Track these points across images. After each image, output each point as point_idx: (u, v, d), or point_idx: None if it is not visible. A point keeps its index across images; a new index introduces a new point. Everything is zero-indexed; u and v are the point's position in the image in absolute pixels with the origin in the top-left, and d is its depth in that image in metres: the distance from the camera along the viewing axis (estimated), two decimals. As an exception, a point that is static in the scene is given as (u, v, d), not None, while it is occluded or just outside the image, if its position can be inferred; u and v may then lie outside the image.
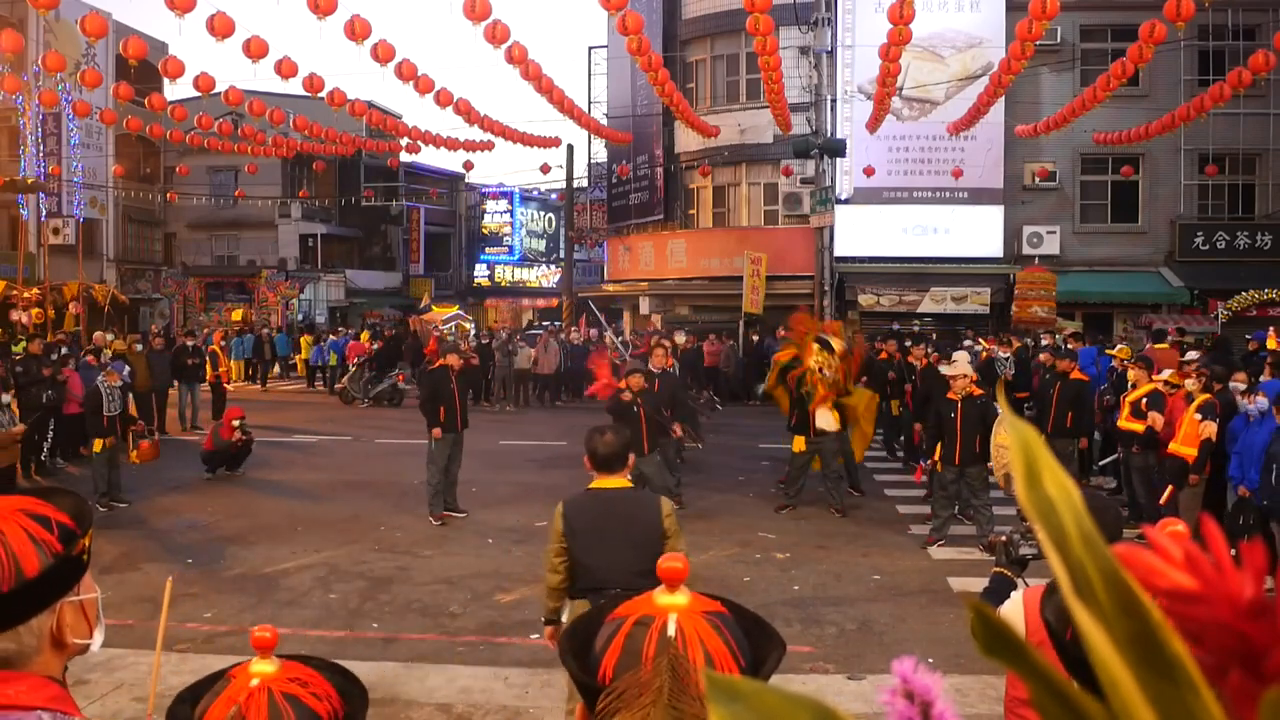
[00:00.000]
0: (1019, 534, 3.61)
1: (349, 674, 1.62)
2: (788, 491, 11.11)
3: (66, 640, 1.49)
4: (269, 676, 1.51)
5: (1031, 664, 0.50)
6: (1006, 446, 8.15)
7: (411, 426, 15.21)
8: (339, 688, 1.57)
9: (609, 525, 4.21)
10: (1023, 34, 12.69)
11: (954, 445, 9.37)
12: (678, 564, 1.38)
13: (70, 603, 1.49)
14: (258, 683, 1.51)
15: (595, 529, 4.22)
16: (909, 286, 23.64)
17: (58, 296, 26.01)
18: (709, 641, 1.31)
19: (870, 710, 5.23)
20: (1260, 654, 0.47)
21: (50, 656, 1.47)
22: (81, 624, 1.52)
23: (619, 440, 4.36)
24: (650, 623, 1.32)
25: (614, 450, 4.31)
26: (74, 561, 1.48)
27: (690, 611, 1.34)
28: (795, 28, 21.87)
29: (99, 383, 11.31)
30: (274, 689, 1.50)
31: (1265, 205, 23.49)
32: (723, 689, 0.54)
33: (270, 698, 1.49)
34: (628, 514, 4.25)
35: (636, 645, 1.30)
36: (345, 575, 8.53)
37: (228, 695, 1.51)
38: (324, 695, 1.53)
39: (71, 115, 26.49)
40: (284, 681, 1.52)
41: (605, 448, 4.32)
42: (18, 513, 1.45)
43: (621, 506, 4.28)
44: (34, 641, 1.45)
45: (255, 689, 1.50)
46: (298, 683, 1.52)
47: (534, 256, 46.61)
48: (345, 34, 12.40)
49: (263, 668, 1.52)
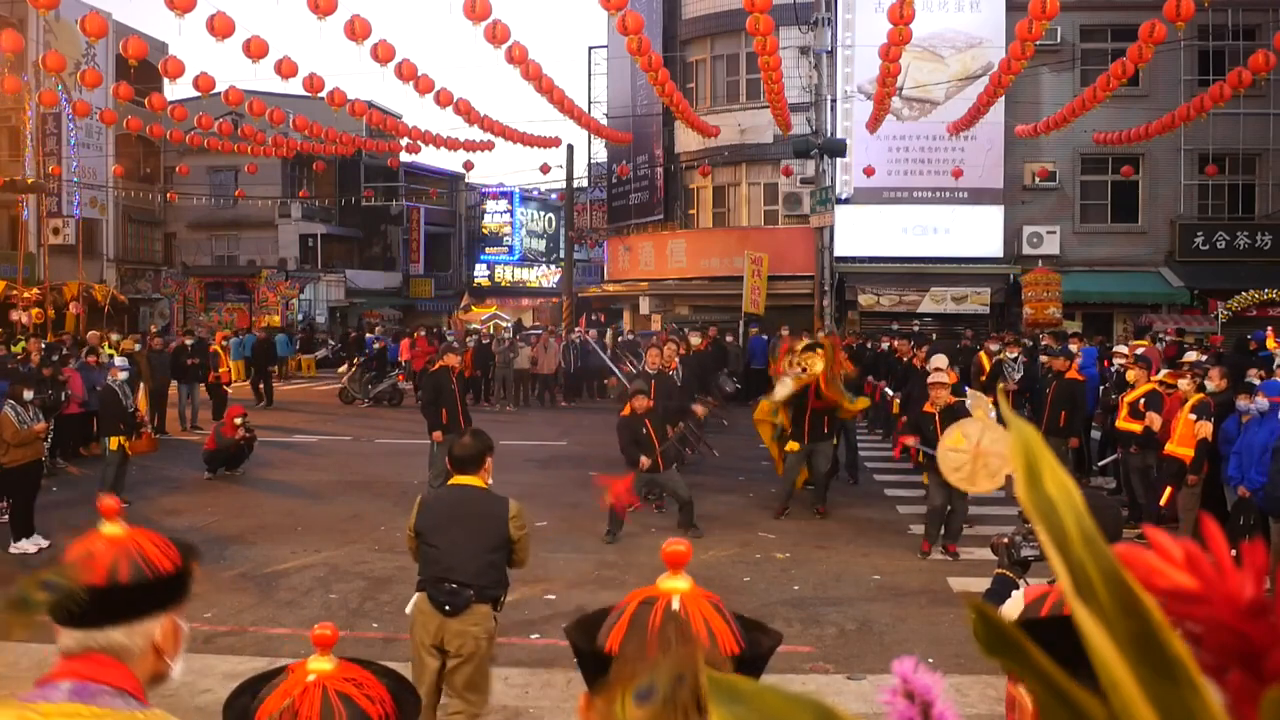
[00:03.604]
0: (1021, 535, 3.62)
1: (404, 680, 1.67)
2: (781, 495, 11.09)
3: (165, 651, 1.73)
4: (325, 674, 1.56)
5: (1033, 664, 0.50)
6: (957, 450, 8.06)
7: (411, 426, 15.21)
8: (392, 692, 1.61)
9: (456, 518, 4.67)
10: (1023, 34, 12.69)
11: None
12: (681, 547, 1.43)
13: (173, 619, 1.75)
14: (314, 679, 1.55)
15: (445, 520, 4.67)
16: (909, 286, 23.64)
17: (58, 296, 26.02)
18: (712, 621, 1.35)
19: (870, 710, 5.23)
20: (1260, 654, 0.47)
21: (149, 662, 1.71)
22: (174, 644, 1.76)
23: (476, 444, 4.84)
24: (655, 602, 1.37)
25: (470, 453, 4.80)
26: (186, 578, 1.77)
27: (693, 594, 1.39)
28: (795, 28, 21.88)
29: (111, 381, 11.31)
30: (329, 686, 1.54)
31: (1265, 205, 23.50)
32: (724, 689, 0.54)
33: (324, 695, 1.53)
34: (476, 511, 4.69)
35: (642, 620, 1.35)
36: (345, 575, 8.53)
37: (283, 689, 1.56)
38: (377, 698, 1.57)
39: (71, 115, 26.50)
40: (339, 680, 1.56)
41: (461, 450, 4.82)
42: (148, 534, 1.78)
43: (471, 505, 4.73)
44: (141, 642, 1.68)
45: (310, 685, 1.54)
46: (352, 683, 1.56)
47: (534, 256, 46.61)
48: (345, 34, 12.41)
49: (320, 665, 1.57)
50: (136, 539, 1.76)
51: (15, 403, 9.68)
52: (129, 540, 1.75)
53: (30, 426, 9.64)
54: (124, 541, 1.75)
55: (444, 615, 4.55)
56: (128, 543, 1.74)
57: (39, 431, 9.86)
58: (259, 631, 7.15)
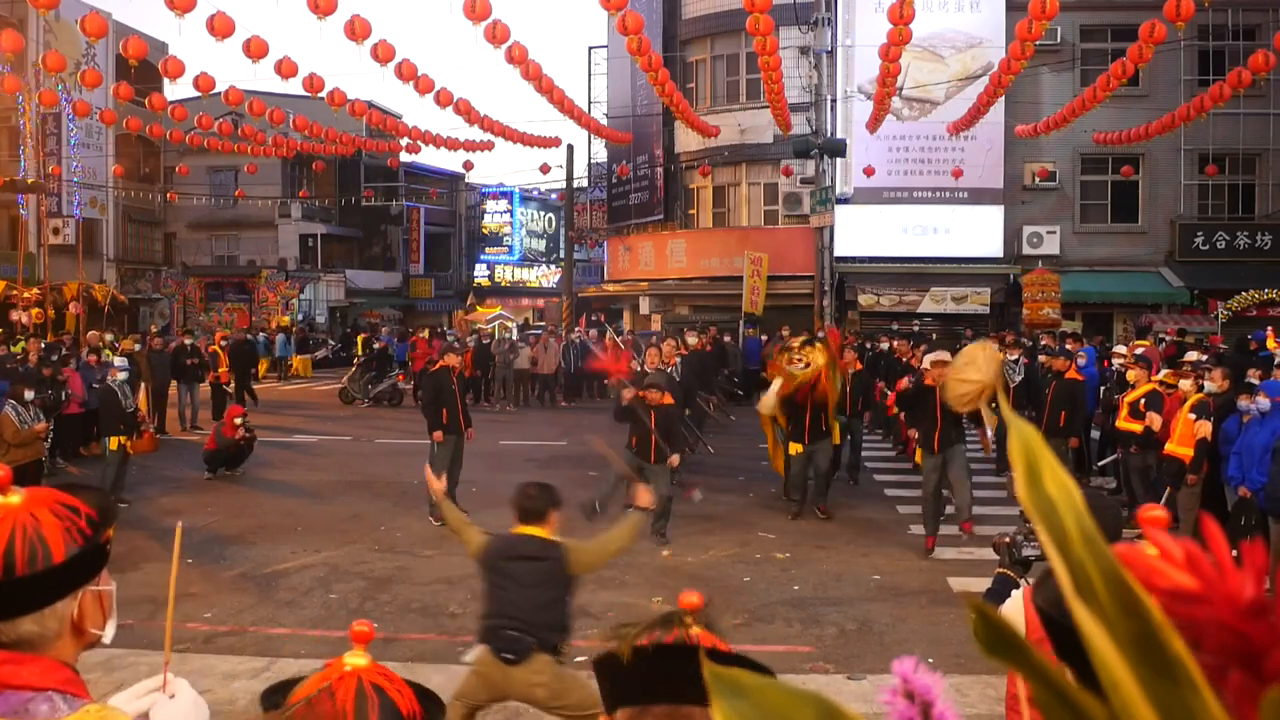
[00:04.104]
0: (1022, 535, 3.62)
1: (429, 691, 1.72)
2: (791, 497, 11.09)
3: (85, 627, 1.56)
4: (361, 667, 1.62)
5: (1033, 663, 0.50)
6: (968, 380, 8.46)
7: (411, 426, 15.21)
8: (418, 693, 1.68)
9: (513, 561, 4.55)
10: (1023, 34, 12.69)
11: (933, 431, 9.26)
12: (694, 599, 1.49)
13: (91, 592, 1.57)
14: (350, 669, 1.61)
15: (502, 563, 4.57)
16: (909, 286, 23.65)
17: (58, 296, 26.01)
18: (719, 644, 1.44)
19: (870, 710, 5.23)
20: (1260, 654, 0.47)
21: (68, 643, 1.54)
22: (98, 614, 1.59)
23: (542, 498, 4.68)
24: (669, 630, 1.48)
25: (533, 506, 4.62)
26: (99, 550, 1.56)
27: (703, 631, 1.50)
28: (795, 28, 21.88)
29: (111, 381, 11.31)
30: (364, 677, 1.60)
31: (1265, 205, 23.50)
32: (727, 684, 0.54)
33: (359, 684, 1.58)
34: (534, 556, 4.54)
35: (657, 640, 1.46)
36: (345, 575, 8.53)
37: (321, 675, 1.62)
38: (407, 695, 1.62)
39: (71, 115, 26.48)
40: (373, 674, 1.62)
41: (525, 500, 4.66)
42: (49, 502, 1.52)
43: (528, 549, 4.57)
44: (55, 626, 1.51)
45: (347, 674, 1.60)
46: (385, 678, 1.62)
47: (534, 256, 46.61)
48: (345, 34, 12.40)
49: (356, 660, 1.63)
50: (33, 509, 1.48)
51: (16, 403, 9.70)
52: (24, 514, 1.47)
53: (31, 426, 9.66)
54: (18, 514, 1.47)
55: (506, 665, 4.41)
56: (22, 516, 1.47)
57: (39, 432, 9.88)
58: (259, 631, 7.15)
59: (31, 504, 1.50)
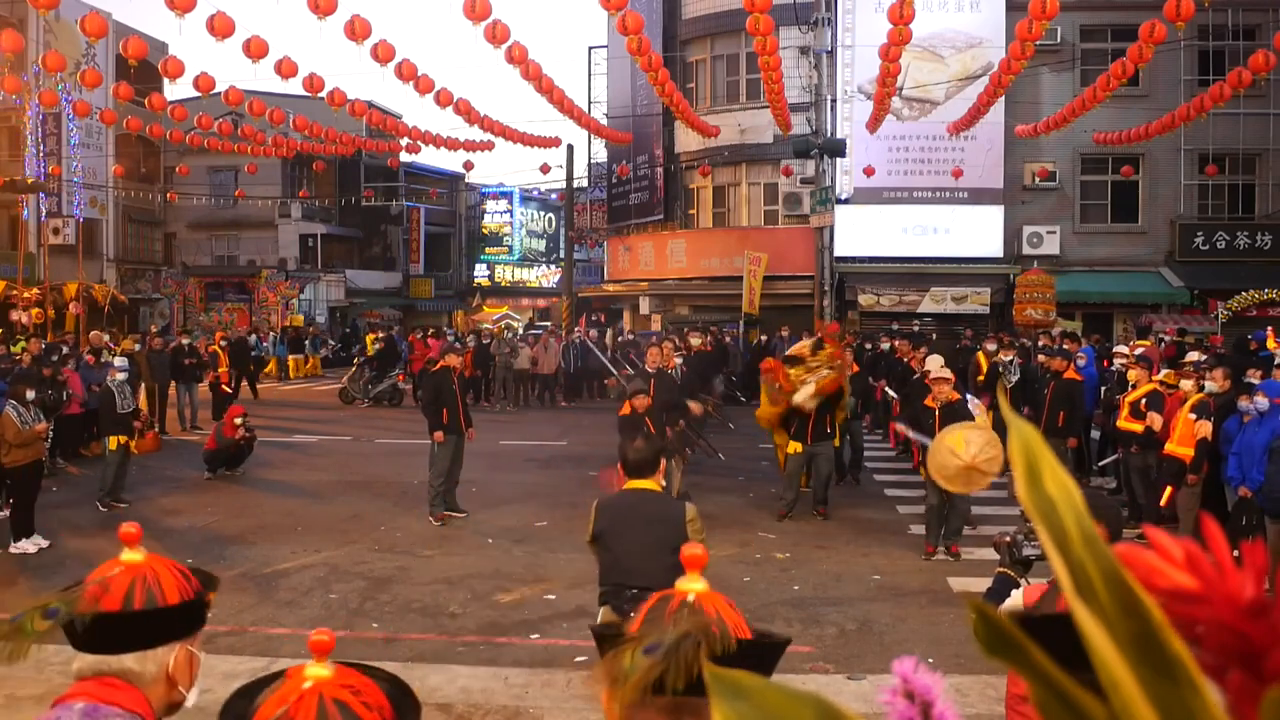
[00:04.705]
0: (1022, 535, 3.62)
1: (404, 685, 1.61)
2: (784, 497, 11.07)
3: (177, 680, 1.77)
4: (322, 680, 1.50)
5: (1033, 663, 0.50)
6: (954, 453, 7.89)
7: (412, 426, 15.21)
8: (391, 698, 1.55)
9: (633, 521, 4.57)
10: (1023, 34, 12.69)
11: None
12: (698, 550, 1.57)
13: (187, 649, 1.79)
14: (310, 685, 1.49)
15: (622, 524, 4.58)
16: (909, 286, 23.64)
17: (58, 296, 26.01)
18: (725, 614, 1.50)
19: (870, 710, 5.23)
20: (1260, 654, 0.47)
21: (160, 690, 1.76)
22: (188, 673, 1.80)
23: (650, 448, 4.73)
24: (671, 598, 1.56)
25: (644, 457, 4.65)
26: (202, 606, 1.82)
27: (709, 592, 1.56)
28: (795, 28, 21.88)
29: (109, 381, 11.31)
30: (325, 693, 1.48)
31: (1265, 205, 23.49)
32: (727, 685, 0.54)
33: (320, 702, 1.47)
34: (653, 514, 4.58)
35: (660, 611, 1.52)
36: (345, 575, 8.53)
37: (279, 695, 1.50)
38: (375, 705, 1.51)
39: (71, 115, 26.50)
40: (336, 687, 1.50)
41: (636, 454, 4.69)
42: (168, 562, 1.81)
43: (648, 507, 4.60)
44: (154, 669, 1.74)
45: (307, 691, 1.48)
46: (350, 690, 1.51)
47: (534, 256, 46.61)
48: (345, 34, 12.40)
49: (317, 671, 1.51)
50: (154, 566, 1.78)
51: (17, 403, 9.69)
52: (146, 568, 1.77)
53: (32, 427, 9.64)
54: (141, 569, 1.77)
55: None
56: (145, 570, 1.76)
57: (40, 432, 9.86)
58: (259, 631, 7.15)
59: (153, 561, 1.79)
